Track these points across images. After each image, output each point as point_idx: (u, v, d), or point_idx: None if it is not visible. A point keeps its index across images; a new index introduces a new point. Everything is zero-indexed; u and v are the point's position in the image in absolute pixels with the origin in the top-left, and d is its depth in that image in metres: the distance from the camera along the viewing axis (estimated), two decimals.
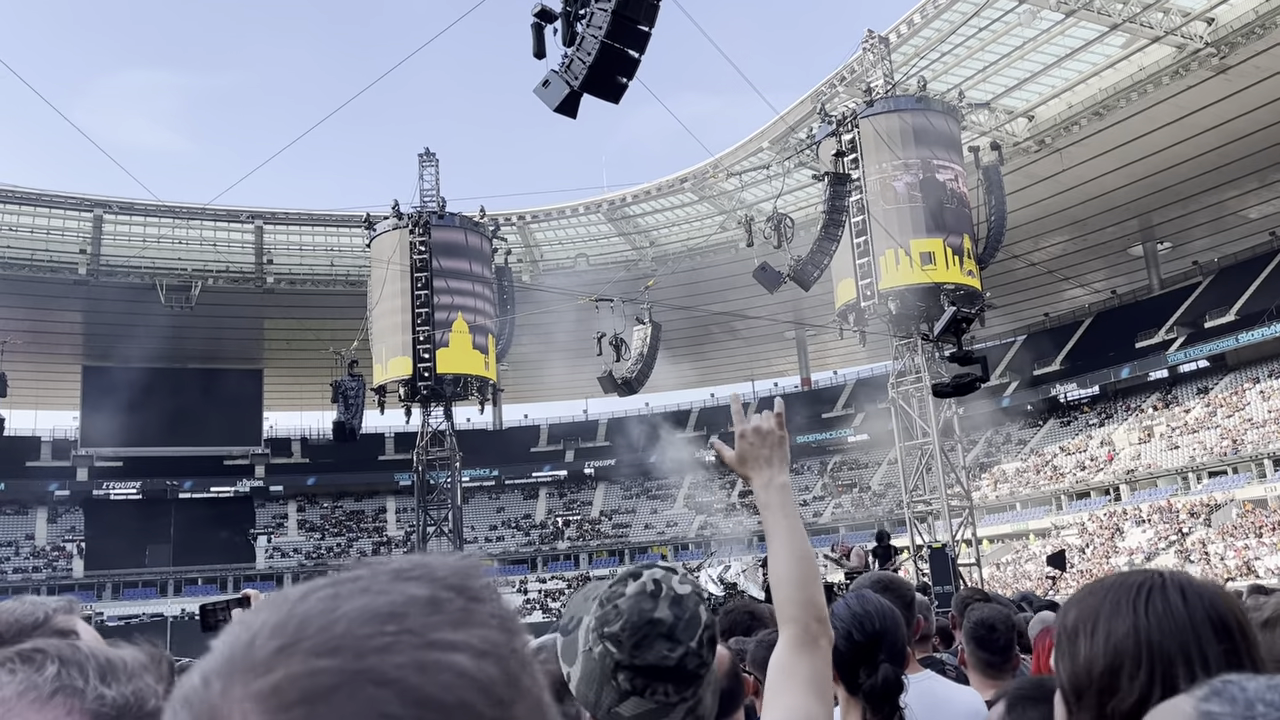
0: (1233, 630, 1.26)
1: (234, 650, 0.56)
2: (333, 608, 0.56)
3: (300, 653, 0.54)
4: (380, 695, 0.52)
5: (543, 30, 14.98)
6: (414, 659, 0.54)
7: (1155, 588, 1.31)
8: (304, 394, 64.47)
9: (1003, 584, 42.55)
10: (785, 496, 1.90)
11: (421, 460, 40.66)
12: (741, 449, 1.95)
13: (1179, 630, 1.26)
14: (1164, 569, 1.36)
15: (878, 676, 2.28)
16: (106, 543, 56.60)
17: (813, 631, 1.78)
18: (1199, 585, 1.31)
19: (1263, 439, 43.99)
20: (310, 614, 0.56)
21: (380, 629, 0.55)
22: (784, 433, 1.96)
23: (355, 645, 0.54)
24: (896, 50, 39.16)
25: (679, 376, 67.50)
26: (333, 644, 0.54)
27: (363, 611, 0.56)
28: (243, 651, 0.55)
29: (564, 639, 1.59)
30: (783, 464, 1.94)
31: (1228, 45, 37.95)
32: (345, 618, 0.55)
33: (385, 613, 0.56)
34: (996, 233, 34.84)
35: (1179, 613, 1.27)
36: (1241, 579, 34.35)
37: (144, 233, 51.28)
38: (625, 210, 54.18)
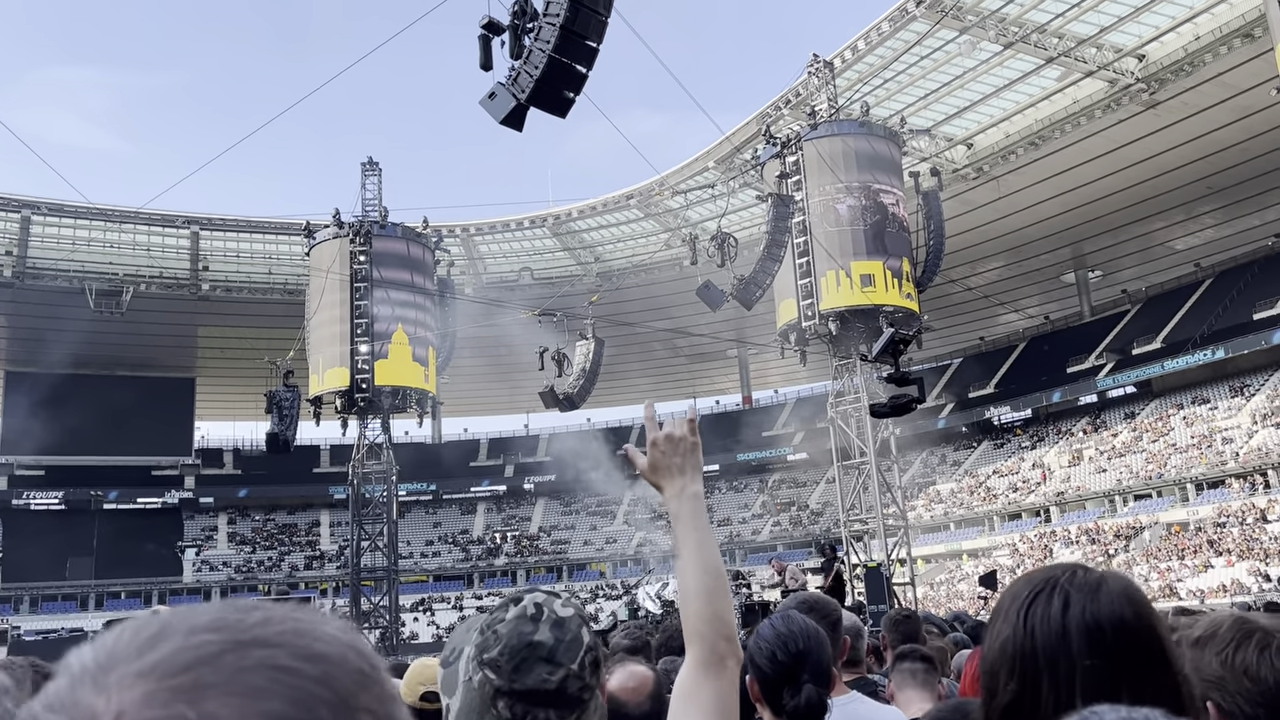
0: (1111, 644, 1.23)
1: (98, 651, 0.55)
2: (192, 611, 0.57)
3: (178, 633, 0.54)
4: (267, 653, 0.54)
5: (490, 42, 14.91)
6: (291, 627, 0.56)
7: (1044, 593, 1.29)
8: (237, 404, 63.21)
9: (936, 603, 43.12)
10: (697, 506, 1.85)
11: (357, 473, 40.04)
12: (653, 457, 1.91)
13: (1049, 641, 1.24)
14: (1084, 567, 1.33)
15: (800, 697, 2.26)
16: (25, 554, 54.69)
17: (720, 651, 1.71)
18: (1093, 593, 1.28)
19: (1185, 464, 45.29)
20: (172, 615, 0.56)
21: (248, 612, 0.57)
22: (696, 440, 1.93)
23: (232, 624, 0.55)
24: (841, 75, 39.78)
25: (621, 392, 67.58)
26: (207, 626, 0.55)
27: (223, 607, 0.58)
28: (111, 646, 0.54)
29: (444, 671, 1.51)
30: (695, 473, 1.90)
31: (1157, 81, 39.23)
32: (209, 610, 0.57)
33: (245, 606, 0.58)
34: (935, 257, 35.46)
35: (1054, 623, 1.25)
36: (1164, 600, 35.25)
37: (74, 235, 49.90)
38: (570, 225, 54.17)
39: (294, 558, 61.50)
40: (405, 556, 54.07)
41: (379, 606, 40.37)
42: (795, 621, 2.41)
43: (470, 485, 67.67)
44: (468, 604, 58.61)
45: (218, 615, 0.56)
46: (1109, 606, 1.26)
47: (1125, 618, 1.24)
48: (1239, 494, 41.92)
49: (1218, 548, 39.38)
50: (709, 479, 67.10)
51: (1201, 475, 44.17)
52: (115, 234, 50.26)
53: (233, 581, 58.99)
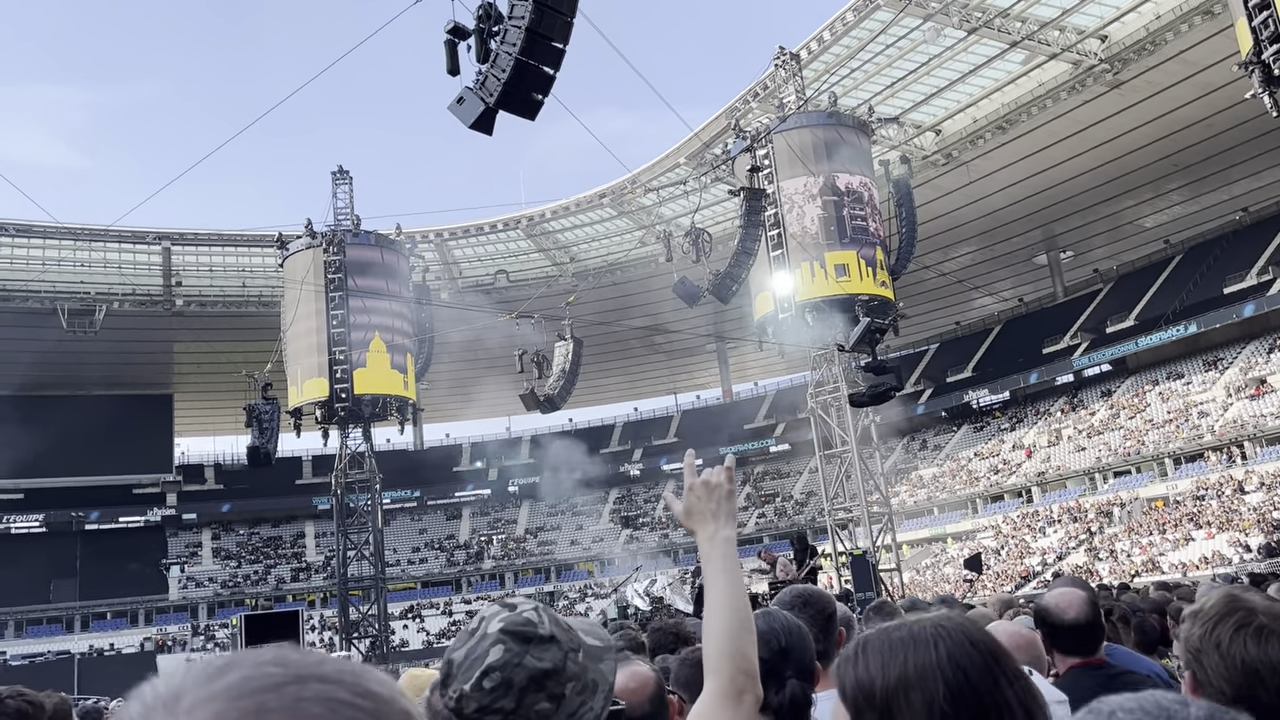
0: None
1: (170, 681, 0.60)
2: (255, 650, 0.63)
3: (245, 665, 0.60)
4: (327, 687, 0.60)
5: (456, 47, 14.89)
6: (348, 668, 0.63)
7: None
8: (217, 418, 62.68)
9: (922, 588, 43.40)
10: (729, 550, 1.93)
11: (340, 483, 39.88)
12: (689, 502, 1.99)
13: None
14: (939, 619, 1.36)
15: (785, 693, 2.29)
16: (8, 578, 54.04)
17: (739, 685, 1.79)
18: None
19: (1163, 439, 45.78)
20: (237, 653, 0.62)
21: (307, 655, 0.63)
22: (732, 487, 2.00)
23: (294, 661, 0.61)
24: (807, 66, 39.91)
25: (602, 392, 67.59)
26: (273, 660, 0.61)
27: (285, 648, 0.64)
28: (182, 677, 0.60)
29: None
30: (729, 519, 1.97)
31: (1120, 62, 39.59)
32: (273, 649, 0.63)
33: (305, 651, 0.65)
34: (908, 244, 35.69)
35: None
36: (1147, 575, 35.65)
37: (43, 255, 49.33)
38: (544, 226, 54.08)
39: (280, 570, 61.15)
40: (392, 564, 53.88)
41: (368, 615, 40.25)
42: (777, 618, 2.44)
43: (454, 490, 67.49)
44: (457, 609, 58.47)
45: (281, 653, 0.62)
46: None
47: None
48: (1216, 467, 42.43)
49: (1198, 521, 39.84)
50: None
51: (1179, 450, 44.65)
52: (86, 252, 49.75)
53: (219, 597, 58.59)
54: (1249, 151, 44.70)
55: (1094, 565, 40.11)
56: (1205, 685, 1.76)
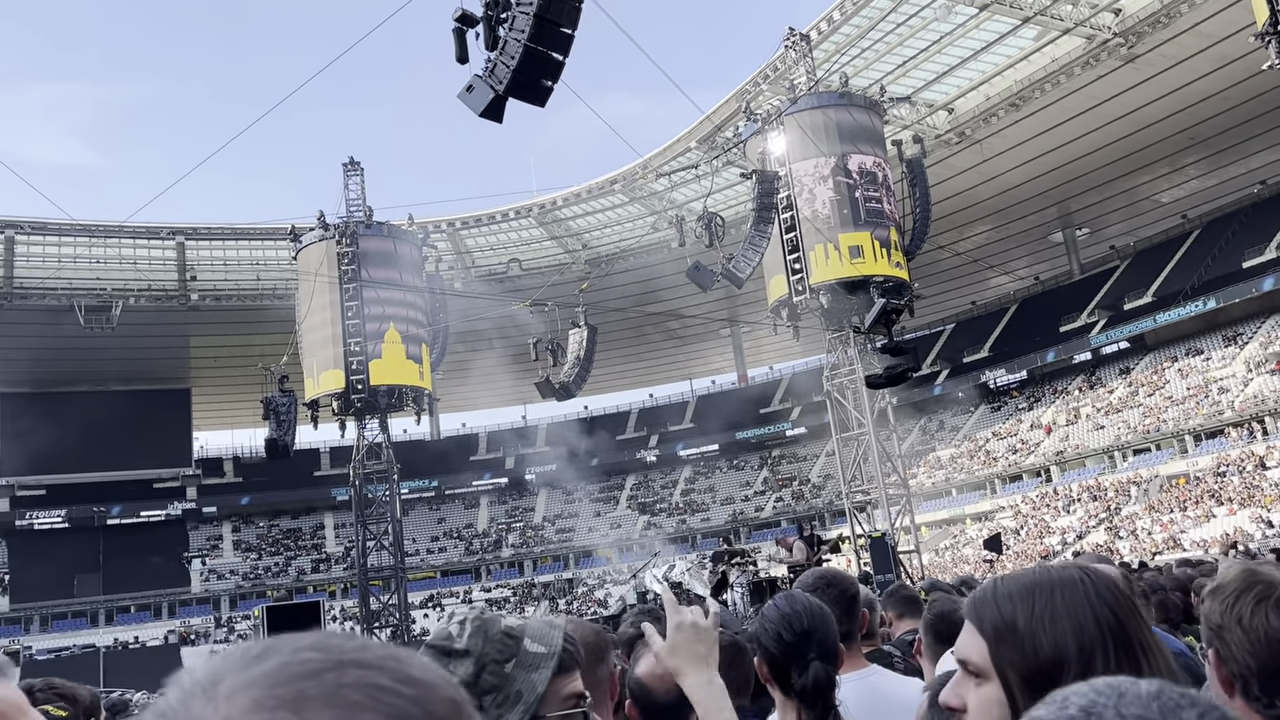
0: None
1: (209, 667, 0.58)
2: (294, 635, 0.61)
3: (283, 651, 0.58)
4: (368, 674, 0.57)
5: (465, 34, 14.84)
6: (390, 654, 0.60)
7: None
8: (234, 412, 63.07)
9: (941, 569, 43.31)
10: (724, 699, 1.96)
11: (358, 474, 40.05)
12: (675, 640, 1.98)
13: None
14: (1072, 565, 1.40)
15: (808, 676, 2.27)
16: (32, 574, 54.69)
17: None
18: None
19: (1182, 415, 45.45)
20: (277, 639, 0.60)
21: (348, 640, 0.61)
22: (716, 634, 2.03)
23: (335, 646, 0.59)
24: (818, 47, 39.63)
25: (617, 378, 67.63)
26: (312, 645, 0.59)
27: (326, 634, 0.62)
28: (220, 662, 0.58)
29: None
30: (715, 663, 2.00)
31: (1135, 35, 39.14)
32: (313, 635, 0.61)
33: (346, 635, 0.63)
34: (922, 224, 35.47)
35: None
36: (1169, 552, 35.46)
37: (59, 253, 49.67)
38: (556, 213, 54.03)
39: (300, 562, 61.57)
40: (411, 554, 54.18)
41: (388, 605, 40.49)
42: (799, 601, 2.42)
43: (472, 479, 67.72)
44: (476, 597, 58.78)
45: (320, 638, 0.60)
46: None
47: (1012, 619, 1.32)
48: (1237, 443, 42.10)
49: (1219, 497, 39.58)
50: (709, 459, 67.24)
51: (1199, 426, 44.33)
52: (100, 249, 50.05)
53: (241, 589, 59.07)
54: (1266, 124, 44.19)
55: (1114, 544, 39.93)
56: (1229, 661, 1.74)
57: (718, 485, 65.18)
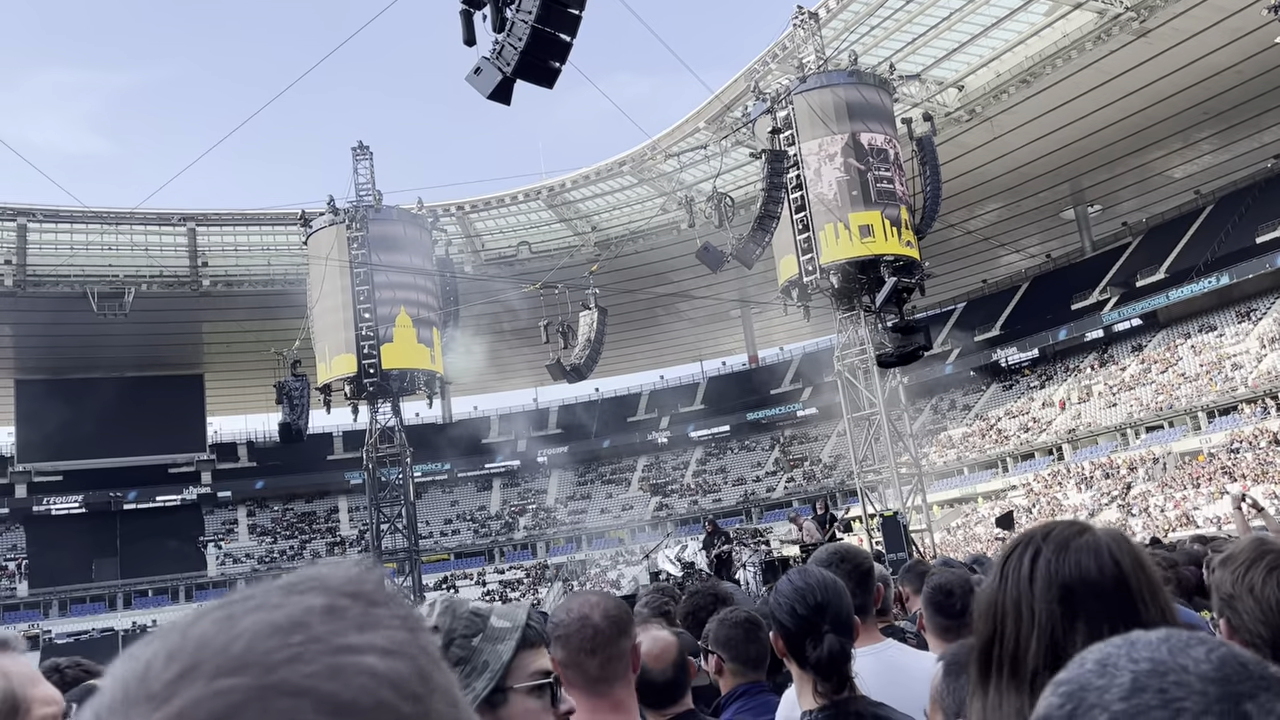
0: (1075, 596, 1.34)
1: (127, 683, 0.51)
2: (229, 627, 0.53)
3: (202, 676, 0.50)
4: (294, 705, 0.50)
5: (472, 17, 14.77)
6: (324, 665, 0.52)
7: (1020, 547, 1.40)
8: (247, 397, 63.37)
9: (953, 548, 43.36)
10: None
11: (371, 458, 40.26)
12: None
13: (1016, 591, 1.35)
14: (1073, 524, 1.43)
15: (823, 648, 2.30)
16: (50, 559, 55.24)
17: None
18: (1062, 548, 1.37)
19: (1195, 392, 45.28)
20: (206, 635, 0.53)
21: (284, 641, 0.52)
22: None
23: (260, 660, 0.51)
24: (826, 25, 39.38)
25: (627, 360, 67.65)
26: (236, 662, 0.51)
27: (262, 625, 0.53)
28: (136, 684, 0.51)
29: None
30: None
31: (1147, 9, 38.76)
32: (245, 634, 0.52)
33: (286, 624, 0.53)
34: (932, 203, 35.28)
35: (1023, 575, 1.37)
36: (1182, 529, 35.42)
37: (71, 240, 49.90)
38: (565, 196, 53.96)
39: (315, 545, 62.01)
40: (425, 537, 54.48)
41: (403, 588, 40.79)
42: (812, 575, 2.45)
43: (484, 462, 67.94)
44: (490, 579, 59.13)
45: (248, 644, 0.52)
46: (1074, 560, 1.34)
47: (1088, 571, 1.32)
48: (1251, 419, 41.95)
49: (1232, 474, 39.47)
50: (721, 440, 67.31)
51: (1212, 403, 44.17)
52: (113, 236, 50.24)
53: (256, 573, 59.51)
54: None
55: (1127, 521, 39.89)
56: (1240, 630, 1.77)
57: (729, 466, 65.28)
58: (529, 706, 1.62)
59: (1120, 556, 1.35)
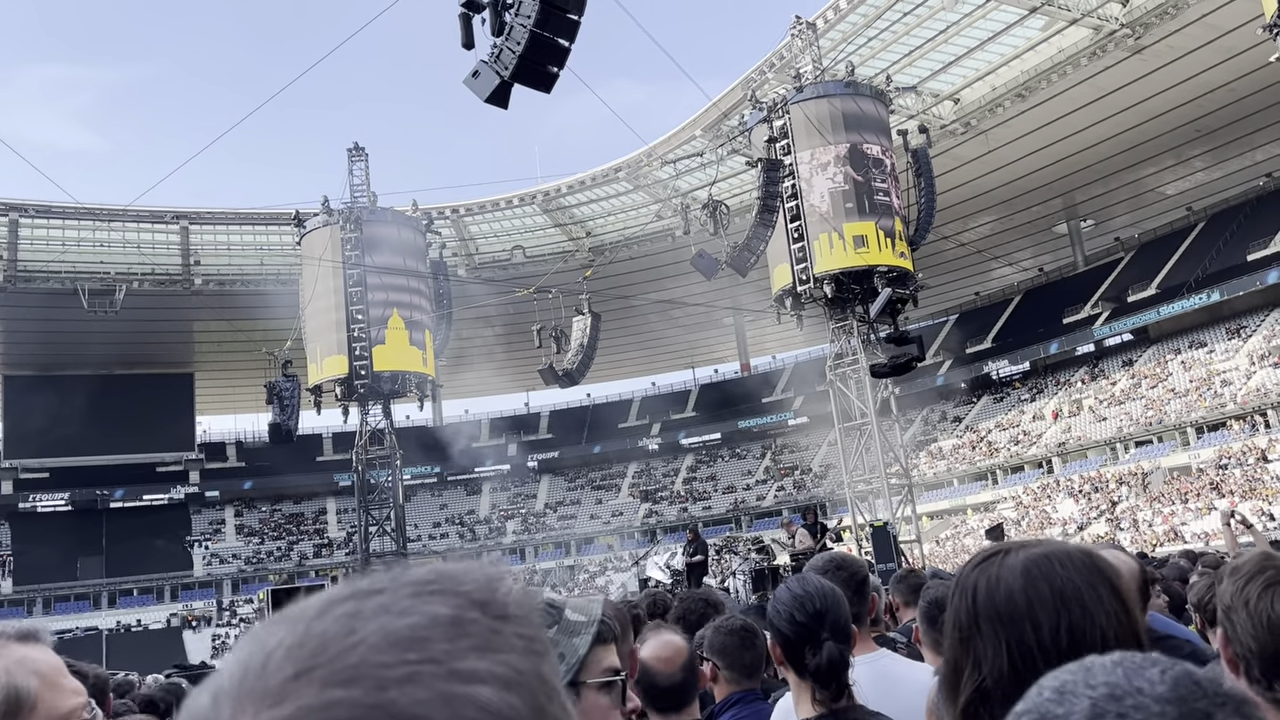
0: (999, 613, 1.34)
1: (247, 670, 0.52)
2: (350, 628, 0.52)
3: (316, 682, 0.50)
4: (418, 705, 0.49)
5: (471, 20, 14.79)
6: (436, 692, 0.51)
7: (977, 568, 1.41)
8: (237, 396, 63.26)
9: (942, 559, 43.41)
10: None
11: (361, 460, 40.12)
12: None
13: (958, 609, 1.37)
14: (1023, 544, 1.42)
15: (822, 655, 2.29)
16: (35, 557, 54.93)
17: None
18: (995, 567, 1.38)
19: (1185, 408, 45.45)
20: (328, 634, 0.52)
21: (401, 657, 0.51)
22: None
23: (374, 675, 0.50)
24: (824, 36, 39.51)
25: (620, 366, 67.68)
26: (350, 673, 0.50)
27: (383, 635, 0.52)
28: (256, 674, 0.52)
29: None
30: None
31: (1142, 26, 38.99)
32: (364, 643, 0.52)
33: (406, 637, 0.52)
34: (927, 214, 35.37)
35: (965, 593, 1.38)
36: (1169, 544, 35.52)
37: (63, 236, 49.72)
38: (560, 201, 53.97)
39: (303, 546, 61.78)
40: (414, 540, 54.34)
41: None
42: (811, 582, 2.44)
43: (474, 466, 67.83)
44: None
45: (365, 655, 0.51)
46: (995, 575, 1.35)
47: (1012, 590, 1.33)
48: (1239, 435, 42.12)
49: (1220, 490, 39.61)
50: (712, 447, 67.31)
51: (1201, 419, 44.34)
52: (105, 233, 50.08)
53: (243, 573, 59.29)
54: (1272, 116, 44.05)
55: (1115, 535, 39.97)
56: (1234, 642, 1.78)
57: (719, 473, 65.29)
58: (599, 703, 1.61)
59: (1053, 570, 1.34)
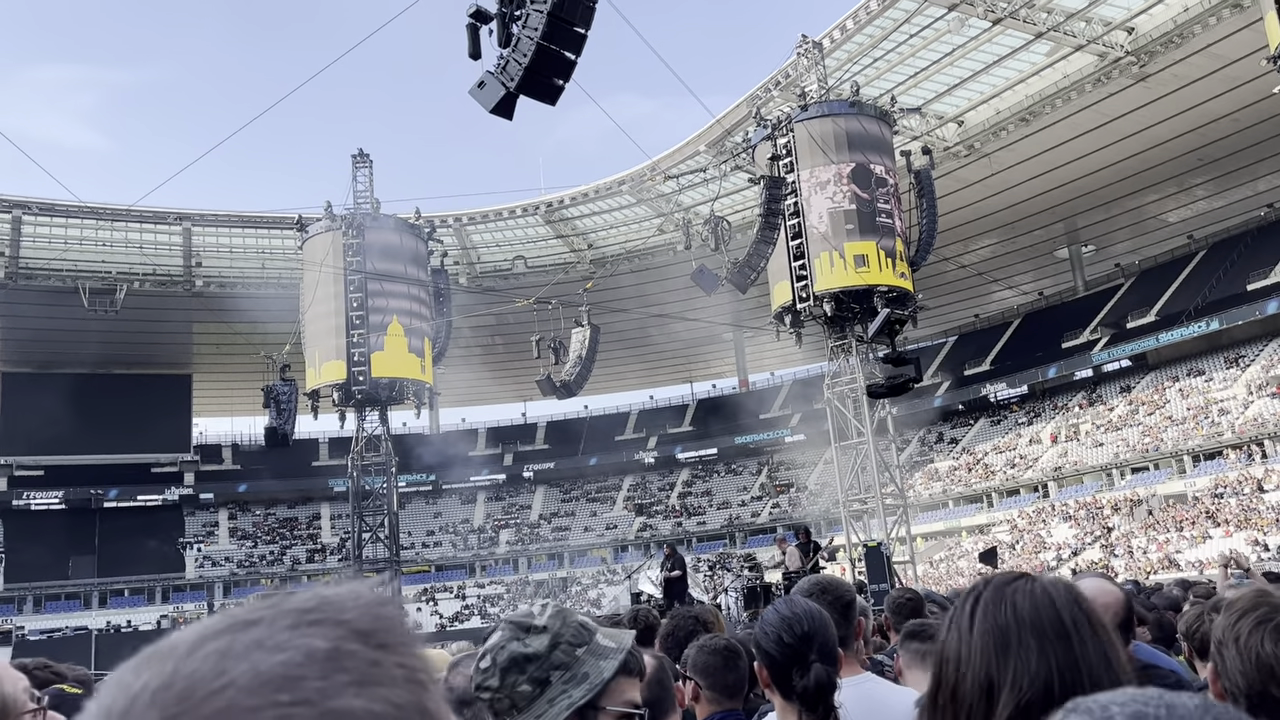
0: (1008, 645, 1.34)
1: (110, 717, 0.49)
2: (220, 669, 0.49)
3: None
4: None
5: (478, 31, 14.83)
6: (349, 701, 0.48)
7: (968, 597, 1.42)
8: (235, 399, 63.14)
9: (936, 581, 43.32)
10: None
11: (356, 466, 40.06)
12: None
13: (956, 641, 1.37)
14: (1021, 575, 1.44)
15: (810, 677, 2.29)
16: (27, 554, 54.75)
17: None
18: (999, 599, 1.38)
19: (1182, 436, 45.44)
20: (196, 675, 0.49)
21: (272, 698, 0.48)
22: None
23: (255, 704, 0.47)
24: (830, 55, 39.65)
25: (618, 379, 67.64)
26: (223, 711, 0.47)
27: (253, 675, 0.49)
28: (132, 693, 0.49)
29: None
30: None
31: (1147, 54, 39.16)
32: (233, 685, 0.48)
33: (279, 676, 0.49)
34: (928, 236, 35.42)
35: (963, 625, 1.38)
36: (1164, 572, 35.45)
37: (66, 234, 49.74)
38: (563, 212, 54.06)
39: (295, 551, 61.61)
40: (407, 547, 54.20)
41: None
42: (799, 604, 2.44)
43: (469, 475, 67.67)
44: (470, 593, 58.80)
45: (232, 700, 0.48)
46: (1010, 602, 1.36)
47: (1022, 611, 1.34)
48: (1236, 465, 42.10)
49: (1215, 519, 39.57)
50: (707, 463, 67.22)
51: (1198, 447, 44.33)
52: (107, 232, 50.11)
53: (235, 577, 59.11)
54: (1275, 147, 44.20)
55: (1109, 561, 39.92)
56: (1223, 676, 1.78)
57: (715, 489, 65.20)
58: None
59: (1056, 597, 1.36)
